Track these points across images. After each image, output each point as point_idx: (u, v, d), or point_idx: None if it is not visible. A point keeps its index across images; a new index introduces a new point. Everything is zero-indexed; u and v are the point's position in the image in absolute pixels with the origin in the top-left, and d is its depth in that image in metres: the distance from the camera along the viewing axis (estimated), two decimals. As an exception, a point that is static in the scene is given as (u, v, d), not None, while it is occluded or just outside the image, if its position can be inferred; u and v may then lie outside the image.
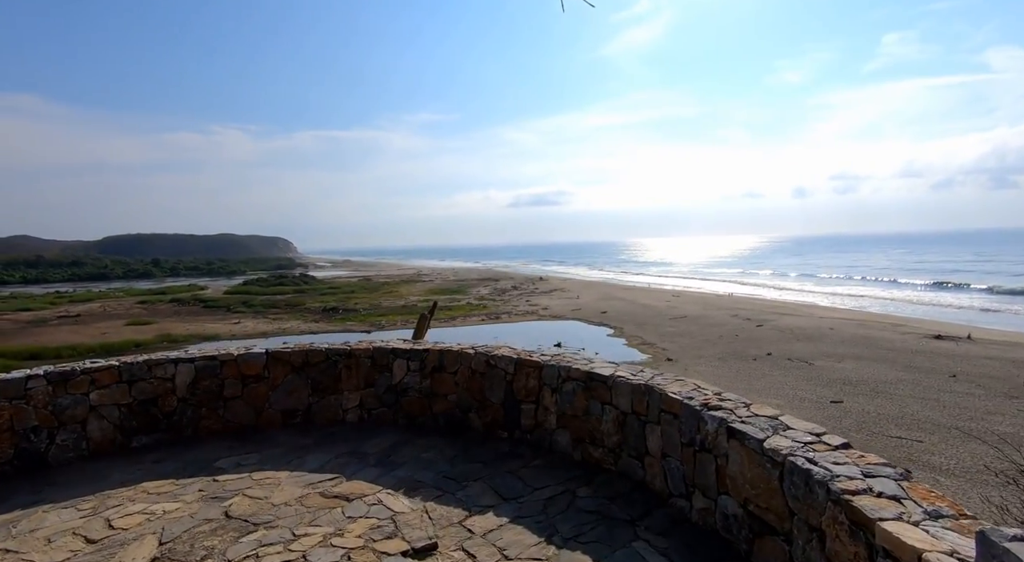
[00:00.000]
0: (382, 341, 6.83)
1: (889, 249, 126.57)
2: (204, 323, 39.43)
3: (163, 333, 35.46)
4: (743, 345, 27.72)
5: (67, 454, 5.73)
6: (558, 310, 40.21)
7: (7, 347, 31.37)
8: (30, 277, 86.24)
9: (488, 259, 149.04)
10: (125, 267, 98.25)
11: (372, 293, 55.53)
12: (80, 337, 34.48)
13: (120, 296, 57.44)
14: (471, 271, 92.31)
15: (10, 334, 36.78)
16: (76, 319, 42.54)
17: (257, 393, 6.47)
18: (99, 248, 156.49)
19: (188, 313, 44.73)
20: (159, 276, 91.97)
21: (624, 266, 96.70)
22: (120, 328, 37.77)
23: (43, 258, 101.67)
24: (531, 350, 6.01)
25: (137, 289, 66.68)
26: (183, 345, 33.20)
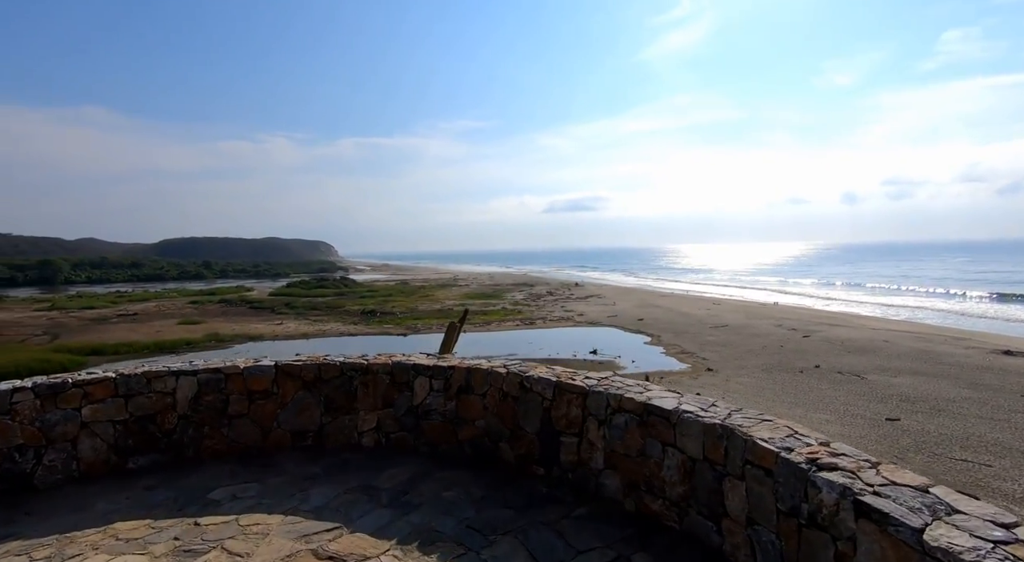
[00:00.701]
0: (403, 355, 5.97)
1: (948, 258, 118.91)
2: (249, 323, 39.84)
3: (211, 332, 35.90)
4: (789, 356, 25.90)
5: (55, 476, 5.07)
6: (594, 316, 38.90)
7: (71, 343, 32.27)
8: (94, 277, 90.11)
9: (523, 264, 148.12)
10: (179, 269, 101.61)
11: (409, 297, 55.36)
12: (136, 335, 35.25)
13: (173, 296, 59.06)
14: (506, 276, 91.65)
15: (75, 330, 37.96)
16: (134, 317, 43.70)
17: (265, 411, 5.69)
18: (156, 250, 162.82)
19: (235, 313, 45.38)
20: (209, 277, 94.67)
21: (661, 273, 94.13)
22: (173, 327, 38.52)
23: (106, 259, 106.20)
24: (572, 371, 5.02)
25: (189, 290, 68.56)
26: (229, 344, 33.43)
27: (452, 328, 7.61)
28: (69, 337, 34.80)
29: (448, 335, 7.50)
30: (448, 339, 7.44)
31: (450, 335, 7.47)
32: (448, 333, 7.54)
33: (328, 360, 5.77)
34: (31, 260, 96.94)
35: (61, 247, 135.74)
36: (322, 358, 5.86)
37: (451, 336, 7.43)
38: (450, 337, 7.45)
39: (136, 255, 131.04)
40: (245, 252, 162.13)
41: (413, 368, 5.61)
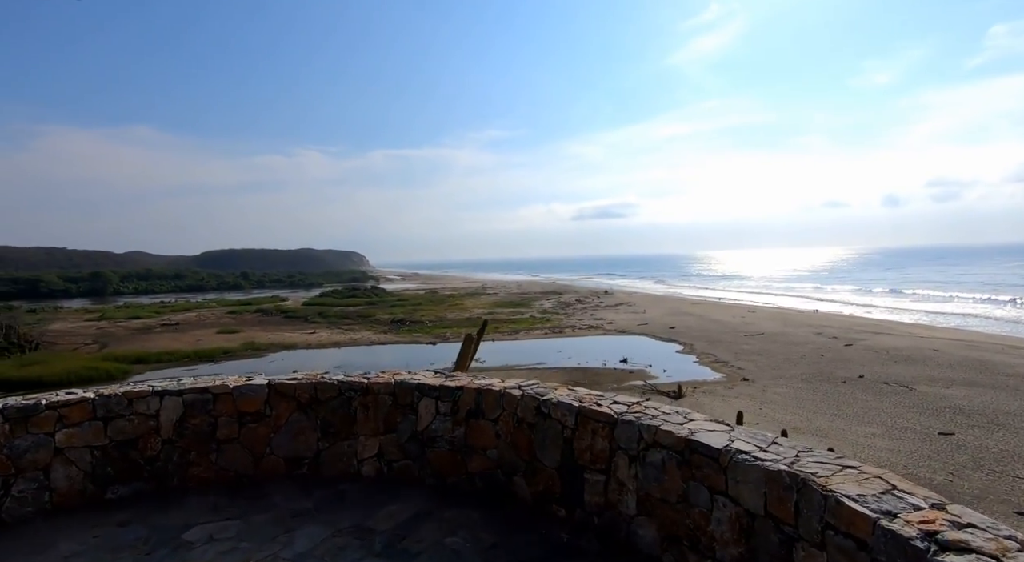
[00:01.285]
0: (408, 372, 5.29)
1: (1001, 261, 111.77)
2: (284, 333, 40.13)
3: (248, 341, 36.25)
4: (830, 366, 24.33)
5: (24, 509, 4.54)
6: (624, 325, 37.72)
7: (118, 351, 33.00)
8: (141, 288, 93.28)
9: (552, 272, 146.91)
10: (218, 280, 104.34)
11: (438, 305, 55.10)
12: (178, 344, 35.85)
13: (213, 306, 60.35)
14: (535, 284, 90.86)
15: (122, 339, 38.94)
16: (176, 327, 44.66)
17: (256, 435, 5.08)
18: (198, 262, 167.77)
19: (270, 323, 45.90)
20: (247, 288, 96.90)
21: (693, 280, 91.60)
22: (212, 336, 39.12)
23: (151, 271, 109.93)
24: (598, 393, 4.23)
25: (228, 300, 70.06)
26: (265, 353, 33.69)
27: (469, 341, 6.89)
28: (116, 346, 35.61)
29: (464, 349, 6.79)
30: (464, 353, 6.73)
31: (466, 349, 6.76)
32: (464, 347, 6.83)
33: (325, 379, 5.13)
34: (84, 273, 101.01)
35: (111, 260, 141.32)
36: (319, 376, 5.22)
37: (467, 350, 6.72)
38: (466, 351, 6.74)
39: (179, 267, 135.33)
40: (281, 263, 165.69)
41: (417, 389, 4.91)
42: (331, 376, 5.21)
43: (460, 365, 6.53)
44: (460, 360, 6.63)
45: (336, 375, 5.24)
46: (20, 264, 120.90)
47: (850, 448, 14.15)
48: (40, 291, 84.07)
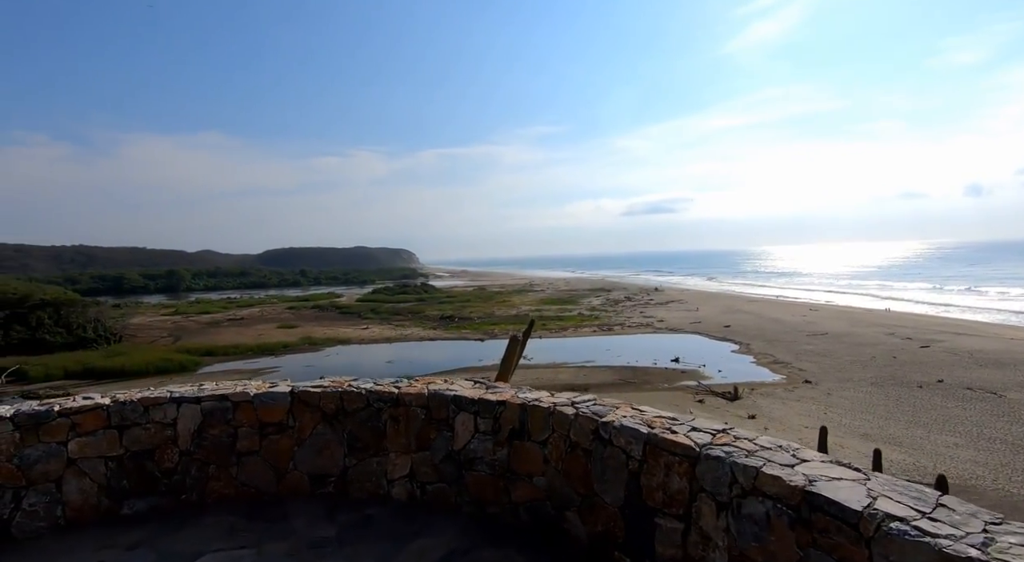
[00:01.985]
0: (443, 380, 4.59)
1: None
2: (339, 328, 40.89)
3: (305, 336, 37.13)
4: (904, 369, 22.14)
5: (36, 523, 4.15)
6: (675, 323, 36.09)
7: (190, 344, 34.54)
8: (210, 285, 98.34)
9: (600, 269, 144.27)
10: (279, 277, 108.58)
11: (486, 302, 54.84)
12: (243, 338, 37.16)
13: (274, 302, 62.53)
14: (583, 281, 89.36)
15: (193, 333, 40.83)
16: (241, 322, 46.47)
17: (279, 448, 4.53)
18: (261, 260, 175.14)
19: (326, 318, 46.96)
20: (305, 285, 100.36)
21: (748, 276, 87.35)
22: (272, 331, 40.38)
23: (220, 269, 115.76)
24: (671, 416, 3.38)
25: (287, 296, 72.54)
26: (321, 347, 34.37)
27: (514, 343, 6.12)
28: (189, 339, 37.28)
29: (508, 353, 6.02)
30: (508, 359, 5.96)
31: (511, 354, 5.99)
32: (508, 350, 6.06)
33: (352, 387, 4.50)
34: (161, 270, 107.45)
35: (184, 258, 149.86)
36: (346, 383, 4.60)
37: (512, 355, 5.95)
38: (510, 356, 5.97)
39: (244, 265, 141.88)
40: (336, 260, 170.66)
41: (453, 401, 4.20)
42: (359, 384, 4.58)
43: (503, 373, 5.77)
44: (503, 367, 5.87)
45: (364, 383, 4.61)
46: (107, 263, 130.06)
47: (929, 459, 12.52)
48: (124, 287, 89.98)
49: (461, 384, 4.48)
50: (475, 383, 4.50)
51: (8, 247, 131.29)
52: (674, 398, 20.35)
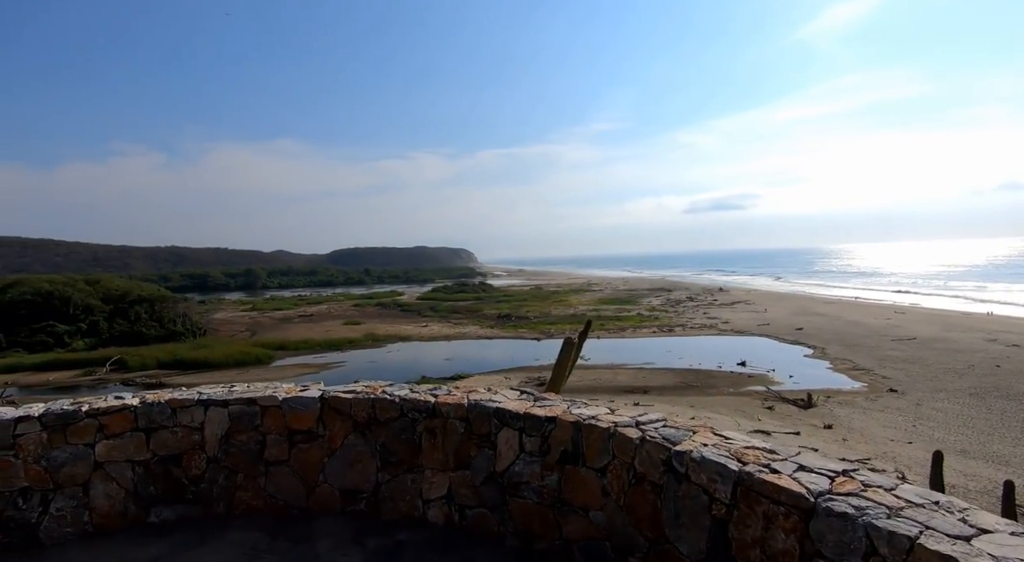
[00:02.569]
0: (485, 389, 4.00)
1: None
2: (400, 325, 41.56)
3: (369, 332, 38.00)
4: (1008, 379, 19.55)
5: (64, 529, 3.92)
6: (741, 325, 33.98)
7: (265, 339, 36.22)
8: (283, 283, 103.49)
9: (661, 268, 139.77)
10: (345, 276, 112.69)
11: (543, 301, 54.14)
12: (312, 333, 38.55)
13: (341, 300, 64.73)
14: (642, 281, 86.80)
15: (268, 328, 42.83)
16: (310, 318, 48.31)
17: (308, 459, 4.10)
18: (329, 260, 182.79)
19: (388, 316, 47.95)
20: (369, 283, 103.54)
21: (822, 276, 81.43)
22: (339, 327, 41.66)
23: (292, 268, 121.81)
24: (768, 448, 2.61)
25: (352, 294, 74.98)
26: (383, 343, 35.01)
27: (569, 347, 5.42)
28: (264, 334, 39.08)
29: (562, 358, 5.34)
30: (561, 364, 5.28)
31: (564, 359, 5.29)
32: (562, 355, 5.38)
33: (385, 395, 4.00)
34: (240, 269, 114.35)
35: (260, 258, 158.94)
36: (379, 389, 4.11)
37: (565, 361, 5.27)
38: (564, 361, 5.28)
39: (314, 264, 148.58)
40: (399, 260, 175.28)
41: (496, 415, 3.60)
42: (392, 390, 4.08)
43: (555, 382, 5.10)
44: (555, 374, 5.19)
45: (398, 389, 4.10)
46: (194, 262, 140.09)
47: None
48: (208, 285, 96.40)
49: (505, 394, 3.87)
50: (521, 394, 3.87)
51: (113, 248, 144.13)
52: (740, 403, 18.97)
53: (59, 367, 28.98)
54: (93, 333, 36.31)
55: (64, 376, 27.46)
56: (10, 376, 27.33)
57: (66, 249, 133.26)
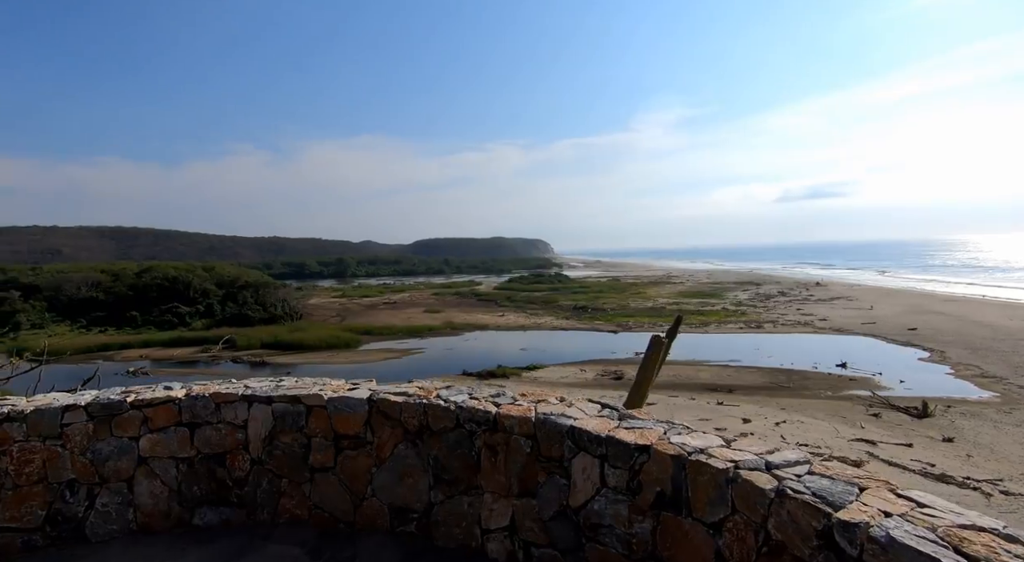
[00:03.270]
0: (557, 399, 3.22)
1: None
2: (477, 314, 41.79)
3: (447, 321, 38.56)
4: None
5: (109, 526, 3.66)
6: (841, 322, 30.63)
7: (353, 324, 37.94)
8: (370, 272, 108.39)
9: (749, 261, 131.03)
10: (426, 265, 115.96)
11: (620, 294, 52.30)
12: (395, 320, 39.81)
13: (421, 289, 66.53)
14: (728, 273, 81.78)
15: (356, 314, 44.84)
16: (393, 305, 50.01)
17: (356, 467, 3.56)
18: (412, 250, 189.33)
19: (466, 304, 48.46)
20: (448, 273, 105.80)
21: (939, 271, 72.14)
22: (420, 315, 42.68)
23: (378, 258, 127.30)
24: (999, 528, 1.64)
25: (433, 283, 76.89)
26: (461, 331, 35.34)
27: (656, 349, 4.51)
28: (352, 319, 40.91)
29: (648, 362, 4.44)
30: (648, 367, 4.39)
31: (652, 361, 4.40)
32: (648, 358, 4.46)
33: (439, 401, 3.35)
34: (332, 258, 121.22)
35: (350, 248, 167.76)
36: (433, 393, 3.46)
37: (652, 365, 4.36)
38: (651, 364, 4.39)
39: (398, 254, 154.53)
40: (477, 250, 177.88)
41: (570, 435, 2.82)
42: (448, 395, 3.41)
43: (638, 390, 4.20)
44: (639, 382, 4.30)
45: (455, 395, 3.42)
46: (292, 251, 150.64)
47: None
48: (304, 273, 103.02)
49: (583, 408, 3.08)
50: (603, 408, 3.06)
51: (225, 238, 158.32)
52: (840, 408, 16.93)
53: (182, 344, 31.91)
54: (209, 314, 39.70)
55: (185, 352, 30.12)
56: (144, 351, 30.44)
57: (188, 239, 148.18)
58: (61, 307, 42.96)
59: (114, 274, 49.91)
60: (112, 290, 44.67)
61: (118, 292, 43.96)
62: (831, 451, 12.96)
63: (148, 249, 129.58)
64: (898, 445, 13.23)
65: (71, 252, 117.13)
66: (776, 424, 15.05)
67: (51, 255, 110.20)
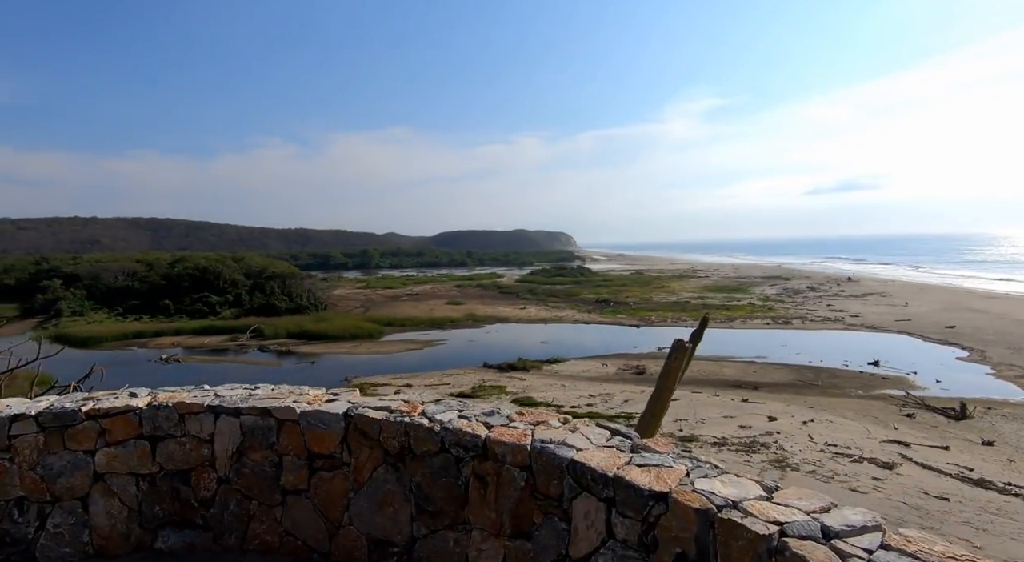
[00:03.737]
0: (560, 421, 2.69)
1: None
2: (499, 307, 41.43)
3: (469, 313, 38.32)
4: None
5: (62, 548, 3.28)
6: (874, 319, 29.27)
7: (376, 315, 38.07)
8: (394, 263, 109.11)
9: (776, 255, 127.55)
10: (449, 257, 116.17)
11: (644, 287, 51.25)
12: (417, 311, 39.79)
13: (444, 280, 66.49)
14: (754, 268, 79.69)
15: (379, 304, 45.03)
16: (416, 297, 50.05)
17: (332, 490, 3.10)
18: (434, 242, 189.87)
19: (488, 297, 48.13)
20: (471, 265, 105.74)
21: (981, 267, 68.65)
22: (442, 306, 42.56)
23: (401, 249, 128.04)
24: None
25: (455, 275, 76.85)
26: (483, 324, 35.06)
27: (680, 355, 3.93)
28: (375, 310, 41.05)
29: (669, 370, 3.86)
30: (669, 376, 3.81)
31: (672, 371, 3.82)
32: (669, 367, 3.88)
33: (422, 419, 2.85)
34: (356, 250, 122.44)
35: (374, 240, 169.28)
36: (417, 410, 2.97)
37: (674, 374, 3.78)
38: (672, 373, 3.81)
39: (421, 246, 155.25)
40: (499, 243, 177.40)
41: (571, 470, 2.29)
42: (435, 413, 2.91)
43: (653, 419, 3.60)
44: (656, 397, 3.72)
45: (442, 412, 2.92)
46: (318, 242, 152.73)
47: None
48: (329, 264, 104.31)
49: (588, 434, 2.53)
50: (612, 435, 2.52)
51: (254, 229, 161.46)
52: (871, 408, 16.12)
53: (212, 332, 32.46)
54: (237, 304, 40.33)
55: (215, 340, 30.61)
56: (176, 338, 31.03)
57: (219, 230, 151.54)
58: (99, 295, 44.27)
59: (148, 264, 51.18)
60: (147, 279, 45.79)
61: (152, 281, 45.03)
62: (862, 452, 12.18)
63: (181, 240, 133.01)
64: (933, 447, 12.42)
65: (109, 242, 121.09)
66: (804, 423, 14.25)
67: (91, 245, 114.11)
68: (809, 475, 10.78)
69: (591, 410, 15.43)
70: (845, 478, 10.62)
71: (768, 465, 11.24)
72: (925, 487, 10.15)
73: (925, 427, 14.15)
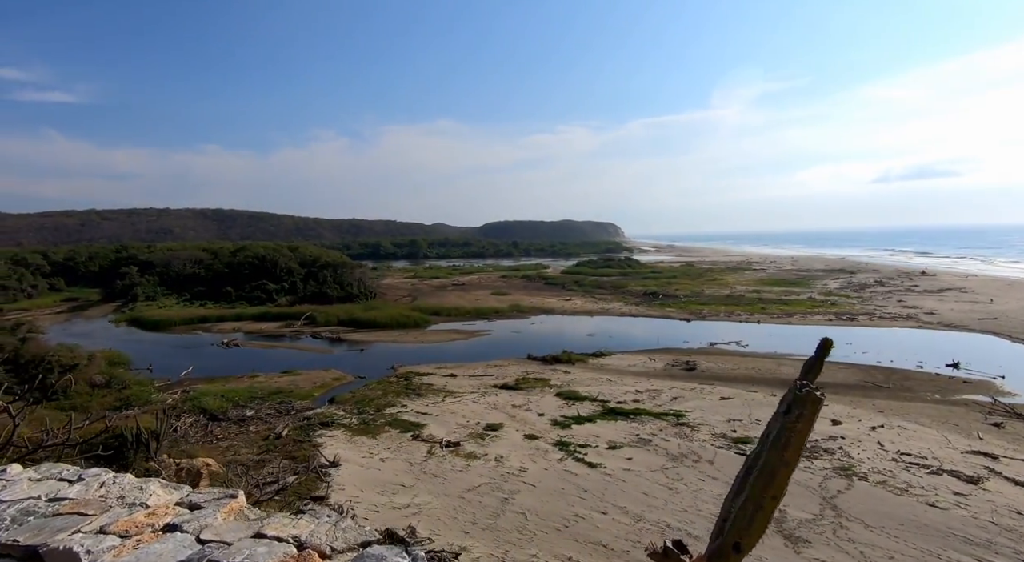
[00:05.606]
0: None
1: None
2: (544, 298, 41.25)
3: (514, 304, 38.37)
4: None
5: None
6: (953, 317, 27.05)
7: (423, 304, 38.79)
8: (441, 253, 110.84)
9: (840, 247, 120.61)
10: (495, 247, 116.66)
11: (694, 280, 49.67)
12: (463, 301, 40.22)
13: (489, 271, 66.89)
14: (815, 260, 75.65)
15: (426, 294, 45.85)
16: (462, 287, 50.60)
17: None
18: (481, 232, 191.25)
19: (533, 288, 48.01)
20: (516, 255, 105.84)
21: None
22: (487, 297, 42.83)
23: (449, 240, 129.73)
24: None
25: (501, 266, 77.17)
26: (527, 315, 34.92)
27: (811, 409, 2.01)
28: (423, 299, 41.81)
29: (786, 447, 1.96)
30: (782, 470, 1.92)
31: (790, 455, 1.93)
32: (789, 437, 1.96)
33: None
34: (405, 240, 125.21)
35: (423, 230, 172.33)
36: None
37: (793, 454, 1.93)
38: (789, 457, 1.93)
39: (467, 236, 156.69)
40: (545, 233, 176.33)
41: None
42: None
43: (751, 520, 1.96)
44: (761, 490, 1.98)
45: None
46: (368, 232, 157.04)
47: None
48: (380, 253, 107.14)
49: None
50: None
51: (309, 220, 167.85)
52: (950, 415, 14.83)
53: (268, 319, 34.04)
54: (292, 292, 42.07)
55: (272, 327, 32.05)
56: (236, 324, 32.72)
57: (277, 221, 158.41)
58: (170, 281, 47.39)
59: (213, 252, 54.14)
60: (211, 267, 48.53)
61: (216, 269, 47.70)
62: (940, 463, 11.20)
63: (243, 230, 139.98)
64: (1024, 461, 11.38)
65: (180, 232, 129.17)
66: (872, 428, 13.32)
67: (164, 234, 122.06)
68: (879, 486, 10.03)
69: (638, 406, 15.00)
70: (922, 492, 9.81)
71: (832, 473, 10.53)
72: (1019, 506, 9.23)
73: (1014, 438, 12.93)
